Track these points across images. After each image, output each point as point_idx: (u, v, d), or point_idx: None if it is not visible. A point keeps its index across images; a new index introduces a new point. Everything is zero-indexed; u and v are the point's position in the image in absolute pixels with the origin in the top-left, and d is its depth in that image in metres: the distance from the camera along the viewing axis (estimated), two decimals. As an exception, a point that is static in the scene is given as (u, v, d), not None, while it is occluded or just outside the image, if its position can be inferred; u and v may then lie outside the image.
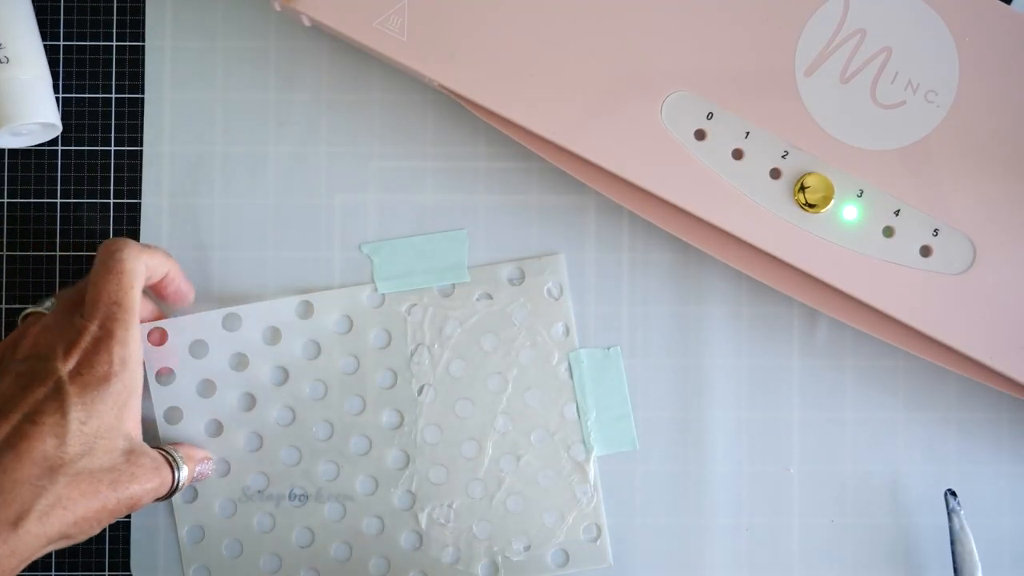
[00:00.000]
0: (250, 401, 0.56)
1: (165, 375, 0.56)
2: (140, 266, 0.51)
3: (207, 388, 0.56)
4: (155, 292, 0.55)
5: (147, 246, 0.53)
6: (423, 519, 0.57)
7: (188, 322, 0.56)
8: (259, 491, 0.56)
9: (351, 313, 0.57)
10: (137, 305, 0.51)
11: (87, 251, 0.58)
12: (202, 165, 0.58)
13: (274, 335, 0.57)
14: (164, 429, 0.56)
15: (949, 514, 0.56)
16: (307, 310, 0.57)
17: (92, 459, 0.48)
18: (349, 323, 0.57)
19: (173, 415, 0.56)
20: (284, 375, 0.56)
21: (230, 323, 0.56)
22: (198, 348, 0.56)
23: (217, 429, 0.56)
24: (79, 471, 0.48)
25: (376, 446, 0.57)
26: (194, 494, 0.57)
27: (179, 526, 0.57)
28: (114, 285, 0.50)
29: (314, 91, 0.59)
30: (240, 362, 0.56)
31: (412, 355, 0.57)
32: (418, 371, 0.57)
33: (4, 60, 0.54)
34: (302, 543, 0.57)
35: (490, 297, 0.58)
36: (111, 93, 0.58)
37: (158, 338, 0.56)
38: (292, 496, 0.57)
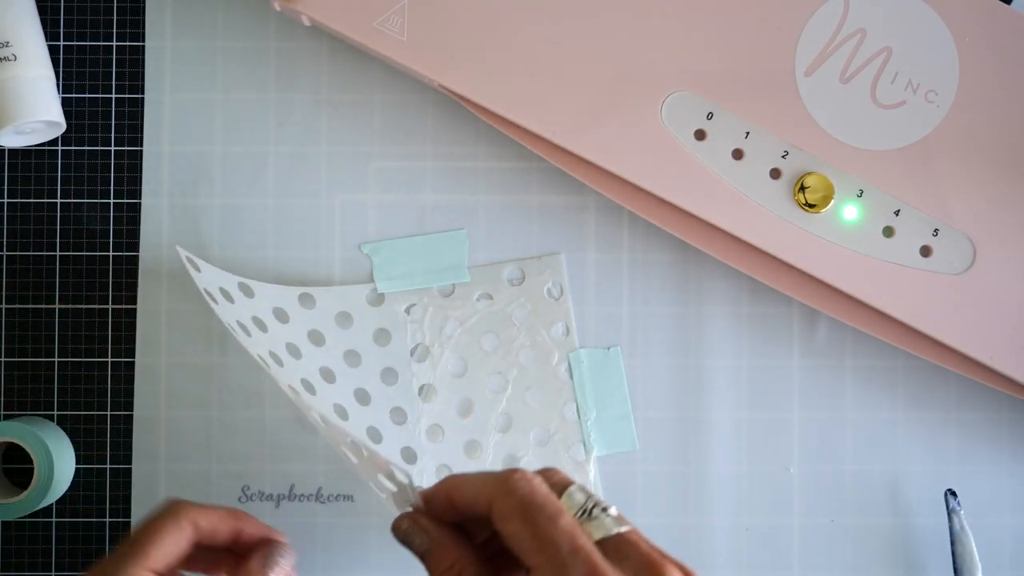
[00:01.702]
0: (276, 360, 0.54)
1: None
2: (178, 538, 0.45)
3: (240, 329, 0.54)
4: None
5: (201, 507, 0.46)
6: None
7: (209, 269, 0.55)
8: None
9: (351, 310, 0.57)
10: None
11: (87, 251, 0.58)
12: (202, 165, 0.58)
13: (282, 315, 0.56)
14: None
15: (949, 514, 0.56)
16: (309, 303, 0.57)
17: None
18: (350, 320, 0.57)
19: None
20: (296, 352, 0.56)
21: (245, 288, 0.55)
22: (223, 296, 0.54)
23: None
24: None
25: (385, 441, 0.57)
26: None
27: None
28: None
29: (314, 91, 0.59)
30: (259, 326, 0.55)
31: (412, 354, 0.57)
32: (418, 370, 0.57)
33: (11, 58, 0.55)
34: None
35: (490, 297, 0.58)
36: (111, 93, 0.58)
37: None
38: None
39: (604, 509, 0.39)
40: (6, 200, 0.58)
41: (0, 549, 0.57)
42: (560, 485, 0.40)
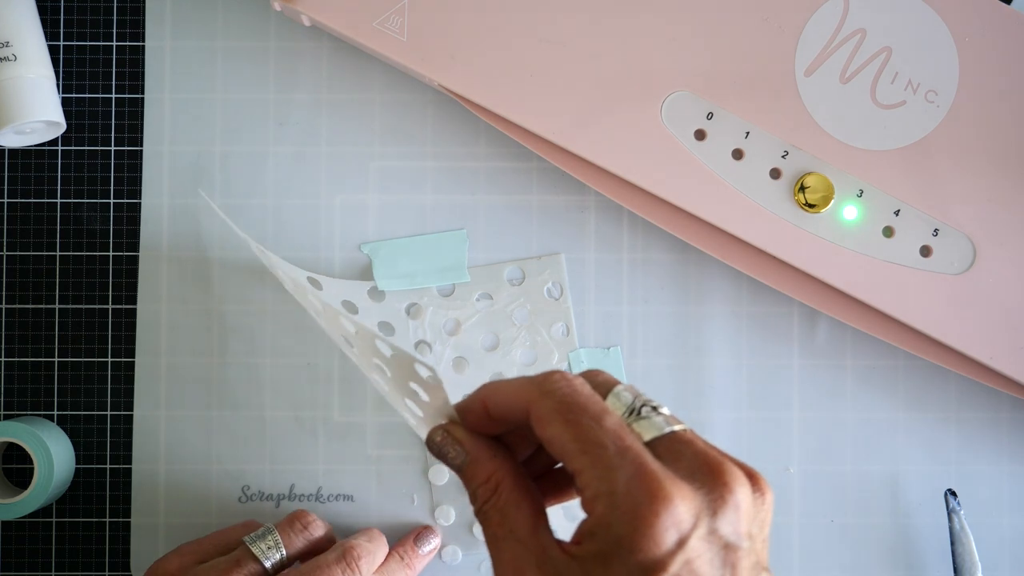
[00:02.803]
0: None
1: None
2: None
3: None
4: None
5: (369, 546, 0.52)
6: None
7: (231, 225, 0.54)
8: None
9: (355, 301, 0.57)
10: None
11: (87, 251, 0.58)
12: (202, 165, 0.58)
13: (297, 285, 0.55)
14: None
15: (949, 514, 0.56)
16: (316, 285, 0.56)
17: None
18: (355, 308, 0.57)
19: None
20: (317, 312, 0.54)
21: (262, 252, 0.54)
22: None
23: None
24: None
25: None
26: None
27: None
28: None
29: (314, 91, 0.59)
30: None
31: (415, 348, 0.57)
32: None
33: (11, 58, 0.54)
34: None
35: (490, 297, 0.58)
36: (111, 93, 0.58)
37: None
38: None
39: (654, 408, 0.36)
40: (6, 200, 0.58)
41: (0, 549, 0.57)
42: (605, 385, 0.37)
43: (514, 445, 0.39)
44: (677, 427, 0.36)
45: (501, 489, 0.37)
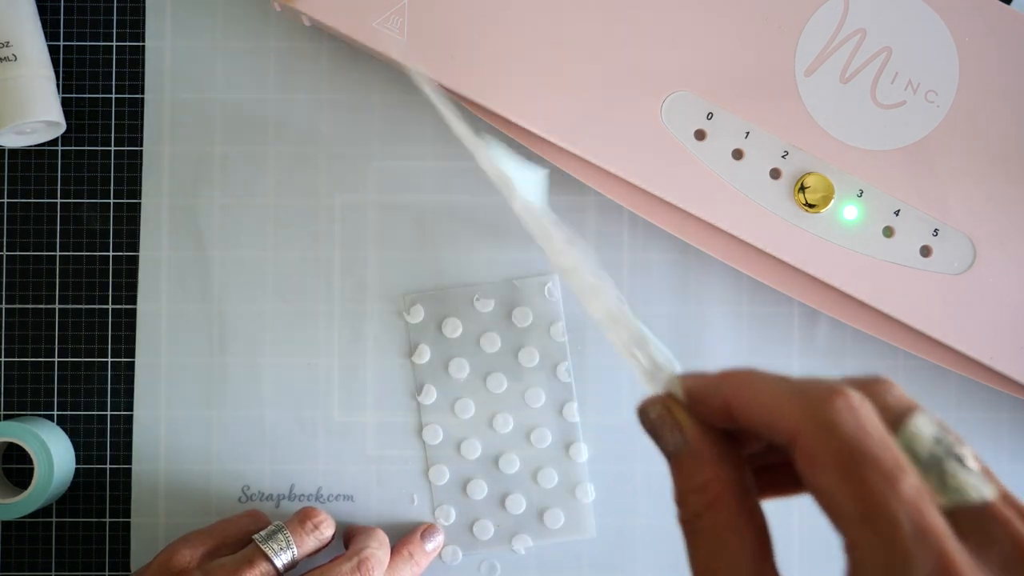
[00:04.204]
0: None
1: None
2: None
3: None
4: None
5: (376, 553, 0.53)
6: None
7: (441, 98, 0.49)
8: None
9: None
10: None
11: (87, 251, 0.58)
12: (202, 165, 0.58)
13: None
14: None
15: (949, 514, 0.56)
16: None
17: None
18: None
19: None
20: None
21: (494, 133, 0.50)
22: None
23: None
24: None
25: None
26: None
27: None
28: None
29: (314, 91, 0.59)
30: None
31: (411, 354, 0.57)
32: (417, 370, 0.57)
33: (12, 58, 0.55)
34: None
35: (490, 297, 0.58)
36: (111, 93, 0.58)
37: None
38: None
39: (959, 458, 0.27)
40: (6, 200, 0.58)
41: (0, 549, 0.57)
42: (896, 410, 0.28)
43: (741, 437, 0.31)
44: (988, 492, 0.27)
45: (720, 506, 0.29)
